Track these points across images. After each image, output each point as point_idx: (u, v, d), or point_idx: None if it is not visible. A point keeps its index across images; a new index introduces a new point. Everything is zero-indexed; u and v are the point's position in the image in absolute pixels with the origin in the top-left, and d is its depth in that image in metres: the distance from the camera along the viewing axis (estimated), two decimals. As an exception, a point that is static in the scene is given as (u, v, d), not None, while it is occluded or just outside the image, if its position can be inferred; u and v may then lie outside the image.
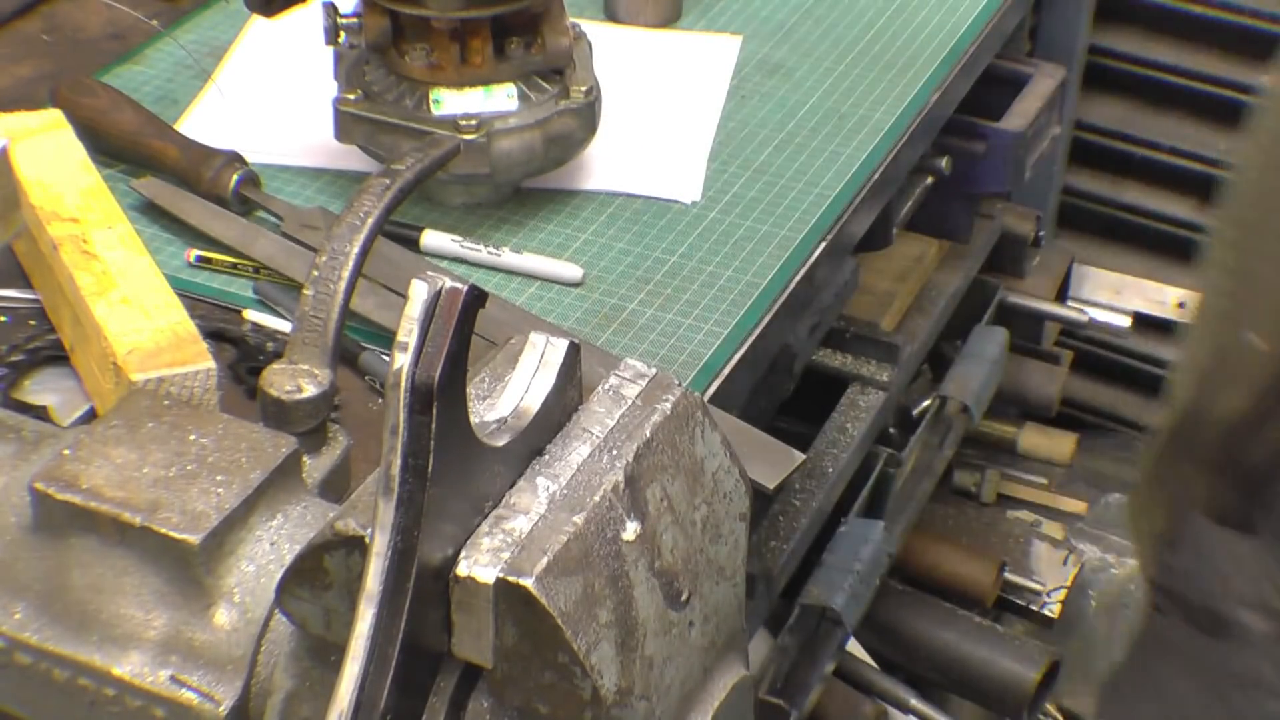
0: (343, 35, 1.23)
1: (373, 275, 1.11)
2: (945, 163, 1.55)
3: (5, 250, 1.13)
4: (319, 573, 0.62)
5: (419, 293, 0.57)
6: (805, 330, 1.34)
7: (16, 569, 0.70)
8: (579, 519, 0.61)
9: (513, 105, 1.21)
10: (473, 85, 1.21)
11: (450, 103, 1.20)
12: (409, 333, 0.57)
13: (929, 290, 1.64)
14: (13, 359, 1.07)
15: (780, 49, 1.50)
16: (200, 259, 1.19)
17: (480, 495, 0.62)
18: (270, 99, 1.39)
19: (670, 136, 1.36)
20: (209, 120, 1.35)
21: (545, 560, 0.59)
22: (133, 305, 0.99)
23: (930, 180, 1.56)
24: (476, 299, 0.58)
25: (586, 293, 1.19)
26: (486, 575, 0.59)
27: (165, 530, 0.67)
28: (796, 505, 1.37)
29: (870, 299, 1.55)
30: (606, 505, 0.63)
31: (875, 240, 1.45)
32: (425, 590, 0.59)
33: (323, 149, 1.30)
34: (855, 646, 1.66)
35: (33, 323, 1.11)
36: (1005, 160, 1.59)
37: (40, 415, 1.01)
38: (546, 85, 1.23)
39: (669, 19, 1.53)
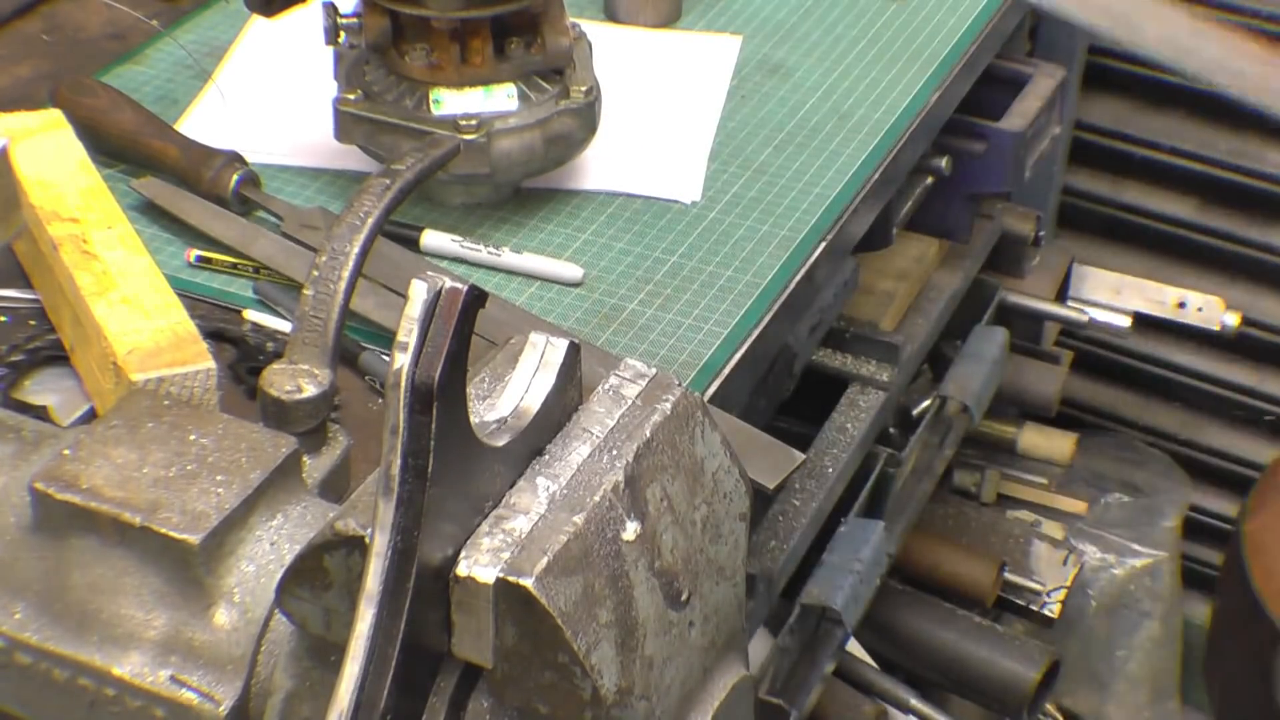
0: (343, 35, 1.23)
1: (373, 275, 1.11)
2: (945, 163, 1.55)
3: (5, 250, 1.13)
4: (319, 573, 0.62)
5: (419, 293, 0.57)
6: (805, 330, 1.34)
7: (16, 569, 0.70)
8: (579, 519, 0.61)
9: (513, 105, 1.21)
10: (473, 85, 1.21)
11: (450, 103, 1.20)
12: (409, 333, 0.57)
13: (929, 290, 1.64)
14: (13, 359, 1.07)
15: (780, 49, 1.50)
16: (200, 259, 1.19)
17: (480, 495, 0.62)
18: (270, 99, 1.39)
19: (670, 136, 1.36)
20: (209, 120, 1.35)
21: (545, 560, 0.59)
22: (133, 305, 0.99)
23: (930, 180, 1.56)
24: (476, 299, 0.58)
25: (586, 293, 1.19)
26: (486, 575, 0.59)
27: (165, 530, 0.67)
28: (796, 505, 1.37)
29: (870, 299, 1.55)
30: (606, 505, 0.63)
31: (875, 240, 1.45)
32: (425, 590, 0.59)
33: (323, 149, 1.30)
34: (855, 646, 1.66)
35: (33, 323, 1.11)
36: (1005, 160, 1.59)
37: (40, 415, 1.01)
38: (546, 85, 1.23)
39: (669, 19, 1.53)
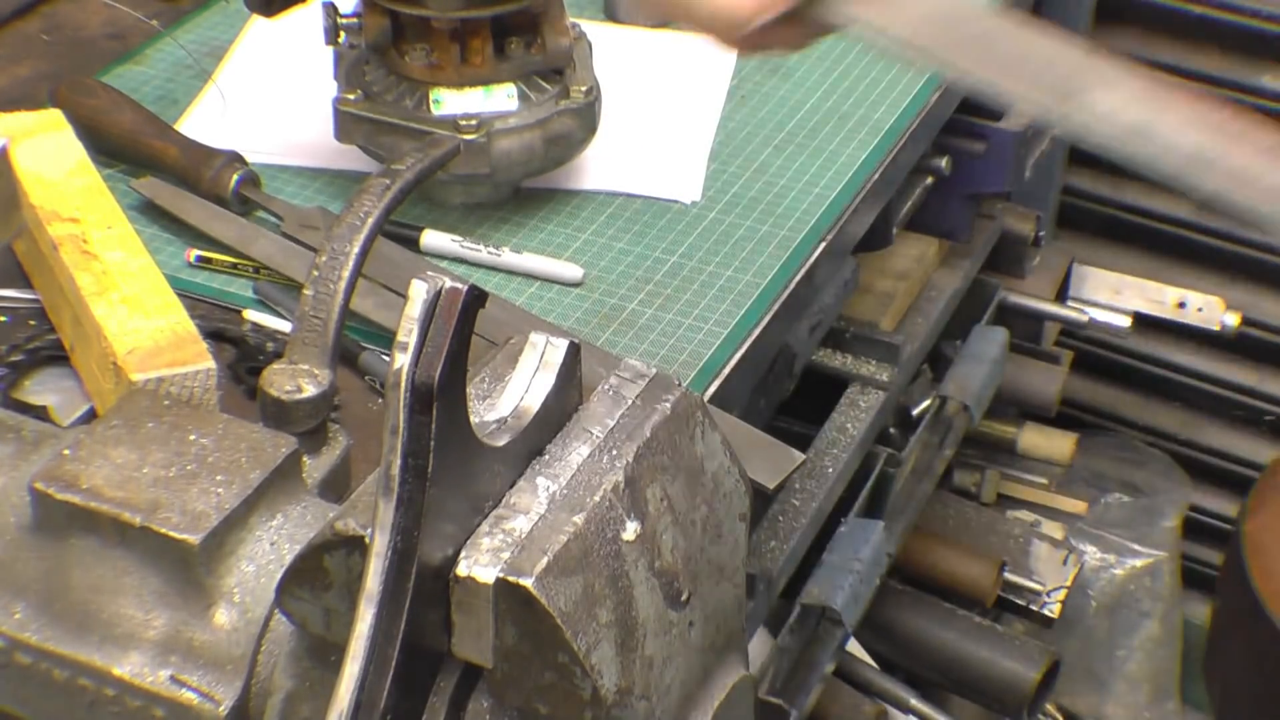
0: (343, 35, 1.23)
1: (373, 275, 1.11)
2: (945, 163, 1.55)
3: (5, 250, 1.13)
4: (319, 573, 0.62)
5: (419, 293, 0.57)
6: (805, 330, 1.34)
7: (16, 569, 0.70)
8: (579, 519, 0.61)
9: (513, 105, 1.21)
10: (473, 85, 1.21)
11: (450, 103, 1.20)
12: (409, 333, 0.57)
13: (929, 290, 1.64)
14: (13, 359, 1.07)
15: (780, 49, 1.49)
16: (200, 259, 1.19)
17: (480, 495, 0.62)
18: (270, 99, 1.39)
19: (670, 136, 1.36)
20: (209, 120, 1.35)
21: (545, 560, 0.59)
22: (133, 305, 0.99)
23: (930, 180, 1.56)
24: (476, 299, 0.58)
25: (586, 293, 1.19)
26: (486, 575, 0.59)
27: (165, 530, 0.67)
28: (796, 505, 1.37)
29: (870, 299, 1.55)
30: (606, 505, 0.63)
31: (875, 240, 1.45)
32: (425, 590, 0.59)
33: (323, 149, 1.30)
34: (855, 646, 1.66)
35: (33, 323, 1.11)
36: (1005, 160, 1.59)
37: (40, 415, 1.01)
38: (546, 85, 1.23)
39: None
